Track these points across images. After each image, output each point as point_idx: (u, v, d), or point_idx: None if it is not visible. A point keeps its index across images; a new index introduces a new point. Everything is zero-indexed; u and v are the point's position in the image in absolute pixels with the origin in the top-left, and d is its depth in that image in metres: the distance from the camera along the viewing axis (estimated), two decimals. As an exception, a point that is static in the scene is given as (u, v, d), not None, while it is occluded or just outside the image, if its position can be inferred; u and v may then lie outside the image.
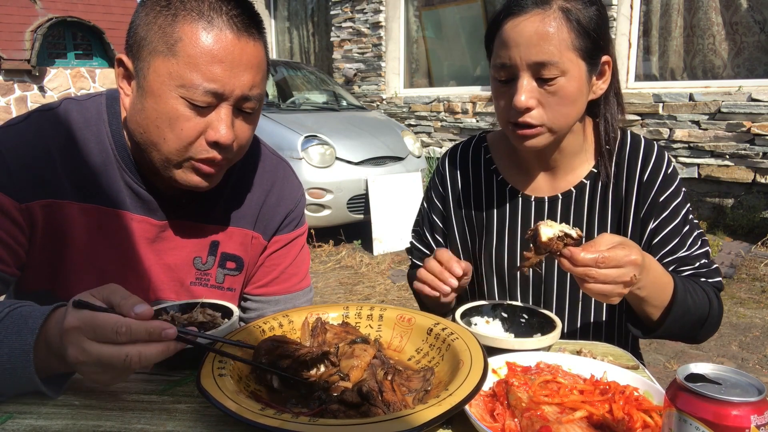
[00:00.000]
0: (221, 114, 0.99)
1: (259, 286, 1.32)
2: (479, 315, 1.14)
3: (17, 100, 11.11)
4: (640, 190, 1.25)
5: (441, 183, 1.44)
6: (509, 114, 1.16)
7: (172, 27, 0.97)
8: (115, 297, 0.80)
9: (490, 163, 1.39)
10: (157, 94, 0.98)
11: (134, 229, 1.14)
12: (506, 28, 1.13)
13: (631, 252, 0.97)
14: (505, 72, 1.15)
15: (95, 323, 0.75)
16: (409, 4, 8.38)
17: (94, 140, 1.11)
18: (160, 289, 1.19)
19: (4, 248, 1.04)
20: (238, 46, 0.98)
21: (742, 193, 5.19)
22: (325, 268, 4.91)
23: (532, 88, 1.12)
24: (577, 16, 1.11)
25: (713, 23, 5.46)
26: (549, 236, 0.97)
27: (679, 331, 1.16)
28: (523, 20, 1.11)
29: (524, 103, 1.12)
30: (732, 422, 0.56)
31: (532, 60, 1.10)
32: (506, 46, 1.13)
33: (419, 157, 6.06)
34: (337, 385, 0.85)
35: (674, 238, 1.23)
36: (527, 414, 0.77)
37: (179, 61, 0.96)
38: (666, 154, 1.27)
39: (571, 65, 1.11)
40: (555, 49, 1.09)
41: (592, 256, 0.95)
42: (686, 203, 1.25)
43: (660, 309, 1.12)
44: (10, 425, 0.79)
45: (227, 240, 1.24)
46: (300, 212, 1.35)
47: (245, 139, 1.07)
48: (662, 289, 1.10)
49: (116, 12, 12.62)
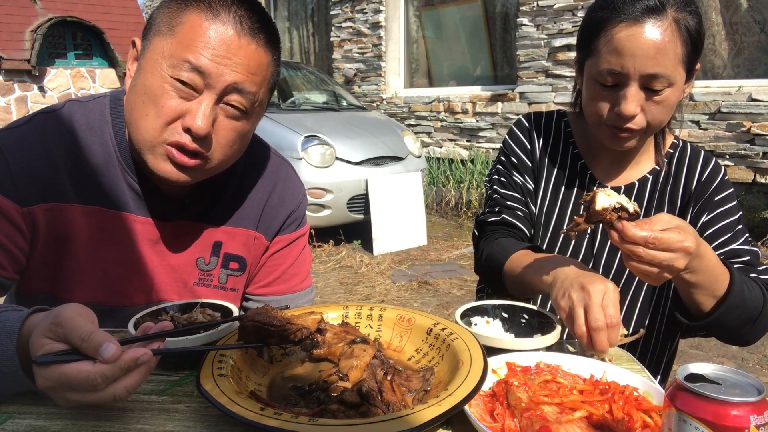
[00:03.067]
0: (201, 104, 0.99)
1: (261, 286, 1.32)
2: (479, 315, 1.14)
3: (17, 100, 11.12)
4: (697, 188, 1.28)
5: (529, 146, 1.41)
6: (609, 117, 1.18)
7: (179, 11, 1.00)
8: (74, 338, 0.72)
9: (570, 136, 1.40)
10: (150, 71, 1.00)
11: (137, 231, 1.14)
12: (620, 36, 1.12)
13: (686, 237, 0.94)
14: (613, 78, 1.15)
15: (68, 380, 0.71)
16: (409, 4, 8.38)
17: (97, 142, 1.11)
18: (163, 290, 1.19)
19: (3, 253, 1.04)
20: (237, 42, 0.98)
21: (742, 193, 5.19)
22: (325, 268, 4.91)
23: (641, 98, 1.14)
24: (687, 26, 1.12)
25: (713, 23, 5.47)
26: (604, 206, 0.93)
27: (731, 323, 1.11)
28: (641, 30, 1.10)
29: (633, 111, 1.14)
30: (731, 422, 0.56)
31: (646, 72, 1.11)
32: (619, 54, 1.12)
33: (419, 157, 6.07)
34: (337, 385, 0.85)
35: (726, 233, 1.24)
36: (527, 414, 0.77)
37: (175, 40, 0.98)
38: (723, 167, 1.32)
39: (678, 78, 1.14)
40: (669, 62, 1.11)
41: (643, 234, 0.92)
42: (739, 210, 1.28)
43: (712, 298, 1.08)
44: (9, 425, 0.79)
45: (230, 240, 1.24)
46: (302, 213, 1.35)
47: (226, 140, 1.04)
48: (716, 278, 1.06)
49: (116, 12, 12.63)
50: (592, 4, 1.23)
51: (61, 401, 0.75)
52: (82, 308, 0.76)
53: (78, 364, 0.71)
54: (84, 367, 0.71)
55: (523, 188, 1.39)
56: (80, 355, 0.72)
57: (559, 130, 1.41)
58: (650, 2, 1.11)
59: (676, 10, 1.11)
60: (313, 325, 0.92)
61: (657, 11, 1.10)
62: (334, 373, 0.88)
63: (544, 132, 1.42)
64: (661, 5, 1.11)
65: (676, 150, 1.34)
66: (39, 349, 0.73)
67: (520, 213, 1.38)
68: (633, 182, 1.34)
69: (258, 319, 0.88)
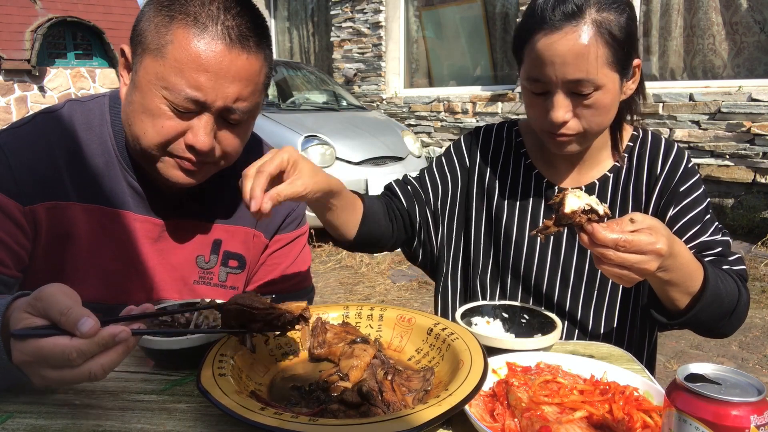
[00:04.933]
0: (202, 121, 1.00)
1: (261, 285, 1.32)
2: (479, 315, 1.14)
3: (17, 100, 11.12)
4: (660, 181, 1.26)
5: (467, 155, 1.42)
6: (544, 124, 1.18)
7: (166, 28, 0.98)
8: (53, 312, 0.71)
9: (521, 146, 1.39)
10: (144, 91, 1.00)
11: (137, 229, 1.15)
12: (539, 46, 1.12)
13: (657, 239, 0.91)
14: (540, 86, 1.15)
15: (43, 355, 0.70)
16: (409, 4, 8.38)
17: (97, 141, 1.12)
18: (163, 288, 1.20)
19: (6, 251, 1.04)
20: (228, 57, 0.98)
21: (742, 193, 5.19)
22: (325, 268, 4.91)
23: (568, 104, 1.13)
24: (610, 27, 1.09)
25: (713, 23, 5.47)
26: (573, 208, 0.90)
27: (708, 318, 1.10)
28: (558, 38, 1.09)
29: (561, 118, 1.14)
30: (732, 422, 0.56)
31: (567, 78, 1.10)
32: (540, 63, 1.12)
33: (419, 157, 6.06)
34: (337, 385, 0.85)
35: (695, 225, 1.22)
36: (527, 414, 0.77)
37: (166, 63, 0.97)
38: (686, 152, 1.29)
39: (606, 80, 1.11)
40: (591, 66, 1.09)
41: (613, 236, 0.89)
42: (706, 198, 1.25)
43: (687, 296, 1.08)
44: (10, 424, 0.79)
45: (229, 238, 1.25)
46: (301, 212, 1.36)
47: (231, 148, 1.08)
48: (690, 276, 1.05)
49: (116, 12, 12.63)
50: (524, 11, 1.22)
51: (36, 379, 0.73)
52: (65, 287, 0.75)
53: (55, 338, 0.70)
54: (60, 341, 0.70)
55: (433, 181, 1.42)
56: (59, 331, 0.71)
57: (510, 140, 1.41)
58: (567, 8, 1.09)
59: (597, 12, 1.09)
60: (297, 311, 0.91)
61: (575, 16, 1.09)
62: (334, 373, 0.88)
63: (493, 144, 1.42)
64: (579, 10, 1.09)
65: (636, 142, 1.31)
66: (18, 323, 0.72)
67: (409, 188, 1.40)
68: (593, 182, 1.32)
69: (241, 302, 0.88)
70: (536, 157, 1.38)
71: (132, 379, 0.93)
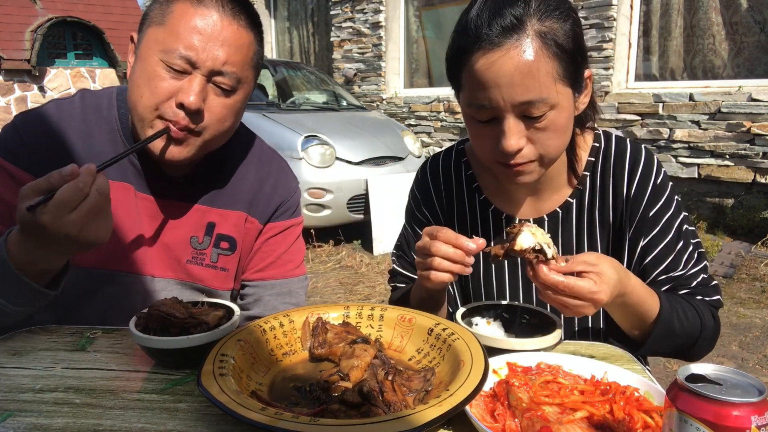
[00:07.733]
0: (193, 82, 1.10)
1: (256, 270, 1.38)
2: (480, 315, 1.14)
3: (17, 100, 11.12)
4: (627, 205, 1.16)
5: (428, 201, 1.34)
6: (495, 155, 1.06)
7: (168, 4, 1.12)
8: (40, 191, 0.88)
9: (472, 180, 1.30)
10: (144, 58, 1.12)
11: (137, 205, 1.24)
12: (479, 67, 0.98)
13: (599, 288, 0.93)
14: (486, 113, 1.03)
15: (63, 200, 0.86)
16: (409, 4, 8.38)
17: (104, 122, 1.24)
18: (158, 266, 1.27)
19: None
20: (220, 24, 1.10)
21: (742, 193, 5.19)
22: (325, 268, 4.91)
23: (521, 129, 1.01)
24: (555, 37, 0.98)
25: (713, 23, 5.47)
26: (523, 246, 0.93)
27: (665, 350, 1.12)
28: (499, 57, 0.97)
29: (514, 146, 1.01)
30: (732, 423, 0.56)
31: (517, 101, 0.98)
32: (483, 87, 0.99)
33: (419, 157, 6.06)
34: (338, 385, 0.85)
35: (668, 256, 1.15)
36: (528, 414, 0.77)
37: (165, 29, 1.10)
38: (655, 161, 1.17)
39: (560, 97, 1.00)
40: (542, 84, 0.97)
41: (554, 280, 0.93)
42: (679, 214, 1.17)
43: (638, 331, 1.10)
44: (10, 423, 0.79)
45: (222, 221, 1.32)
46: (295, 203, 1.43)
47: (220, 115, 1.15)
48: (643, 313, 1.06)
49: (116, 12, 12.64)
50: (454, 28, 1.08)
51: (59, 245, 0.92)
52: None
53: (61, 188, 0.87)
54: (65, 186, 0.87)
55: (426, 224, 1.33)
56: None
57: (459, 175, 1.31)
58: (506, 21, 0.97)
59: (539, 21, 0.97)
60: (213, 321, 0.98)
61: (515, 29, 0.96)
62: (335, 373, 0.88)
63: (443, 183, 1.32)
64: (519, 21, 0.96)
65: (598, 156, 1.19)
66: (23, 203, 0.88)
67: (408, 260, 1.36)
68: (555, 210, 1.22)
69: (163, 310, 0.96)
70: (490, 191, 1.28)
71: (132, 378, 0.93)
